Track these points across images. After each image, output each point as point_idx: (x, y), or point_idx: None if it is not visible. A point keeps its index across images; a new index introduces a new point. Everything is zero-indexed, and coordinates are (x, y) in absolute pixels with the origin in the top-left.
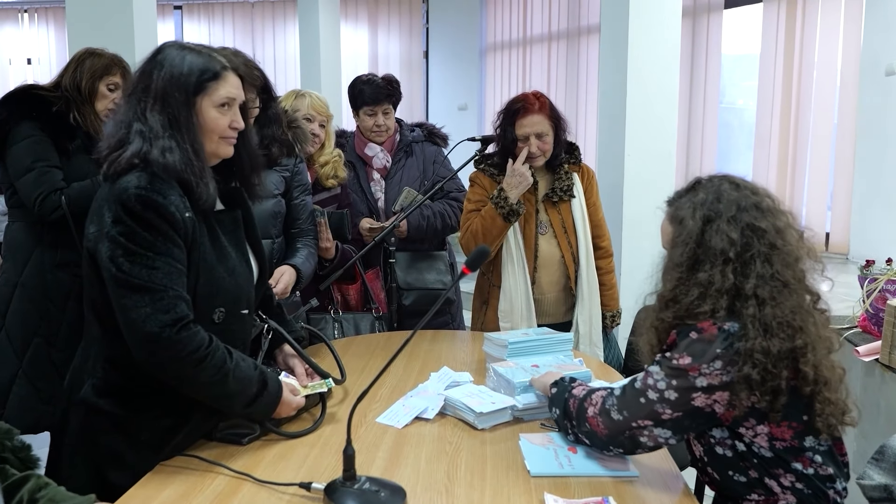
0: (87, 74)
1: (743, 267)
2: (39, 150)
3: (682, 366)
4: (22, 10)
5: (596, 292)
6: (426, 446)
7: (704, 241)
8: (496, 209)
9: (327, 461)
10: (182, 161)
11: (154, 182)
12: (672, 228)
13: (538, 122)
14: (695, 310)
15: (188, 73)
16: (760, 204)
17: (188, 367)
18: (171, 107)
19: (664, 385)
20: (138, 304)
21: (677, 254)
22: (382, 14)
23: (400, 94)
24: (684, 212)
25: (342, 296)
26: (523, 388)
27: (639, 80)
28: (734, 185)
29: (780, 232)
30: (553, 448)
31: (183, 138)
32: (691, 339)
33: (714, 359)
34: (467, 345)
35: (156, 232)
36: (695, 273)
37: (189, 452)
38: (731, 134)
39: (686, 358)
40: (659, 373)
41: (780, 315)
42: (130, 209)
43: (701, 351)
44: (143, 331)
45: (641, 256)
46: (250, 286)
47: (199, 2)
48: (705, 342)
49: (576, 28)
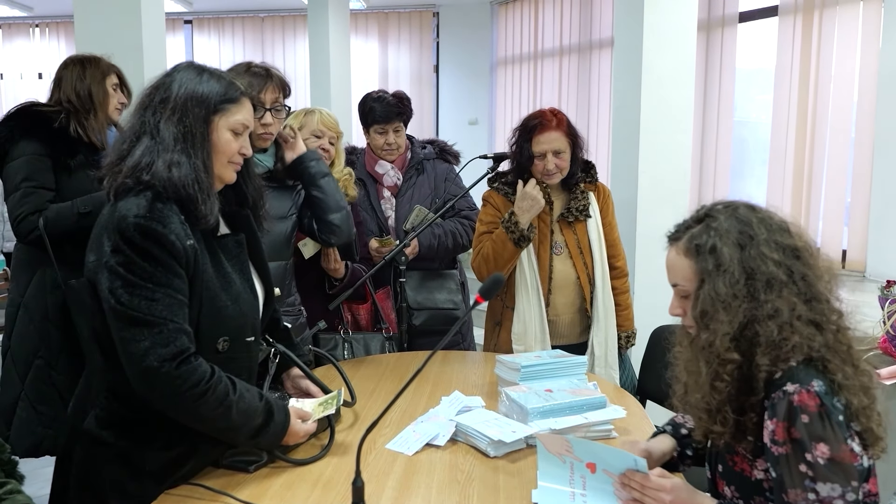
0: (96, 79)
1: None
2: (30, 170)
3: (828, 458)
4: (33, 25)
5: (612, 314)
6: (437, 475)
7: (751, 268)
8: (507, 233)
9: (336, 490)
10: (189, 176)
11: (154, 209)
12: (690, 262)
13: (555, 139)
14: (784, 348)
15: (209, 92)
16: (783, 224)
17: (189, 401)
18: (188, 120)
19: (850, 491)
20: (137, 338)
21: (722, 283)
22: (393, 28)
23: (411, 111)
24: (710, 241)
25: (352, 315)
26: (537, 413)
27: (653, 96)
28: (749, 208)
29: (811, 251)
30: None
31: (196, 154)
32: (806, 424)
33: (839, 427)
34: (479, 367)
35: (155, 262)
36: (758, 307)
37: (195, 481)
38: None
39: (822, 446)
40: (830, 488)
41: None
42: (129, 239)
43: (826, 428)
44: (143, 365)
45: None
46: (255, 313)
47: (209, 16)
48: (819, 416)
49: (587, 42)
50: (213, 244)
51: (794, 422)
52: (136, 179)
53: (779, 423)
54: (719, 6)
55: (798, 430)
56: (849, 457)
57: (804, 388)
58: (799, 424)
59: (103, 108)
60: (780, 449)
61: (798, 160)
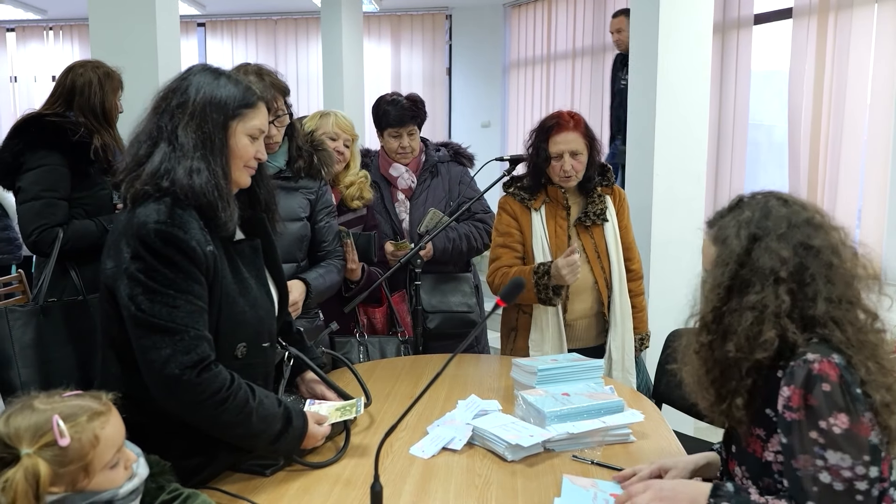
0: (117, 92)
1: (800, 288)
2: (51, 180)
3: (846, 429)
4: (47, 28)
5: (629, 318)
6: (454, 479)
7: (751, 260)
8: (535, 287)
9: (354, 494)
10: (209, 183)
11: (174, 215)
12: (715, 249)
13: (573, 139)
14: (759, 339)
15: (227, 97)
16: (812, 220)
17: (209, 409)
18: (207, 126)
19: (862, 467)
20: (158, 345)
21: (718, 273)
22: (405, 31)
23: (425, 114)
24: (729, 231)
25: (368, 319)
26: (554, 417)
27: (669, 98)
28: (782, 200)
29: (836, 250)
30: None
31: (215, 160)
32: (826, 392)
33: (857, 400)
34: (494, 370)
35: (176, 269)
36: (743, 296)
37: (212, 485)
38: (759, 152)
39: (842, 416)
40: (840, 458)
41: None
42: (150, 245)
43: (846, 399)
44: (164, 373)
45: (671, 278)
46: (272, 318)
47: (222, 18)
48: (839, 387)
49: (601, 45)
50: (231, 250)
51: (811, 389)
52: (156, 186)
53: (795, 389)
54: (734, 8)
55: (816, 398)
56: (865, 430)
57: (825, 359)
58: (817, 392)
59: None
60: (793, 415)
61: (813, 163)
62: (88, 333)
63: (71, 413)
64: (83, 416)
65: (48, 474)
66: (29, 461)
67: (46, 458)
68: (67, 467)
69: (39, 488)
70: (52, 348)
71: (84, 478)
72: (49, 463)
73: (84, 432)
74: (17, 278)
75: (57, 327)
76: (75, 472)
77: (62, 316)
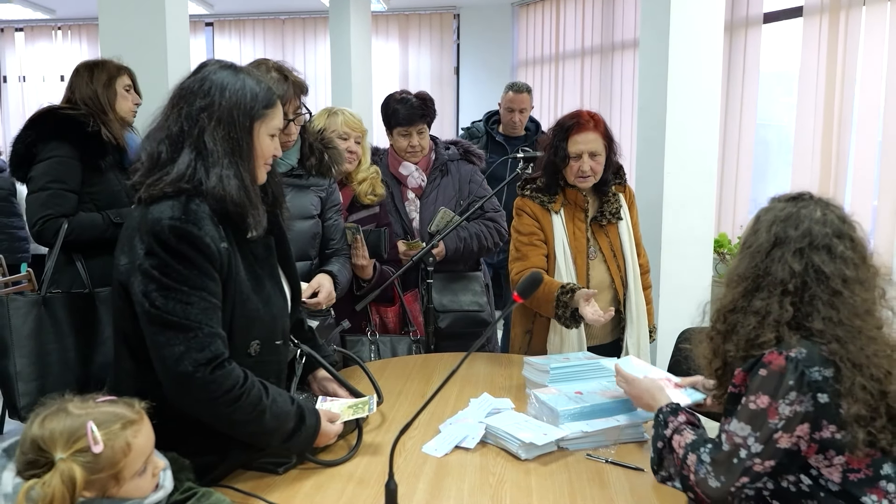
0: (102, 81)
1: (801, 303)
2: (60, 171)
3: (761, 408)
4: (55, 28)
5: (644, 314)
6: (468, 477)
7: (768, 260)
8: (555, 304)
9: (367, 492)
10: (240, 190)
11: (188, 211)
12: (751, 226)
13: (592, 140)
14: (757, 340)
15: (252, 99)
16: (833, 248)
17: (223, 406)
18: (235, 132)
19: (752, 440)
20: (172, 342)
21: (744, 265)
22: (413, 30)
23: (434, 112)
24: (767, 220)
25: (380, 318)
26: (568, 416)
27: (679, 97)
28: (821, 211)
29: (848, 282)
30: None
31: (244, 165)
32: (762, 377)
33: (788, 391)
34: (506, 368)
35: (190, 265)
36: (751, 298)
37: (224, 483)
38: (768, 151)
39: (763, 397)
40: (740, 427)
41: (866, 358)
42: (164, 241)
43: (775, 386)
44: (177, 370)
45: (681, 276)
46: (285, 315)
47: (230, 18)
48: (776, 375)
49: (609, 44)
50: (245, 247)
51: (751, 372)
52: (177, 188)
53: (741, 372)
54: (743, 7)
55: (751, 379)
56: (773, 414)
57: (779, 351)
58: (754, 374)
59: (113, 110)
60: (733, 389)
61: (823, 163)
62: (92, 326)
63: (105, 420)
64: (117, 423)
65: (83, 479)
66: (65, 465)
67: (79, 464)
68: (99, 474)
69: (75, 493)
70: (51, 339)
71: (114, 485)
72: (82, 468)
73: (117, 440)
74: (27, 277)
75: (58, 319)
76: (106, 480)
77: (65, 308)
